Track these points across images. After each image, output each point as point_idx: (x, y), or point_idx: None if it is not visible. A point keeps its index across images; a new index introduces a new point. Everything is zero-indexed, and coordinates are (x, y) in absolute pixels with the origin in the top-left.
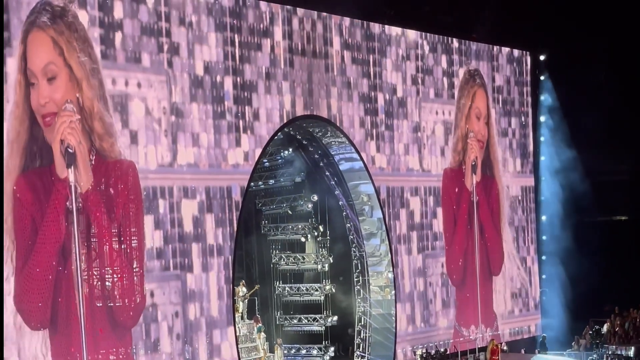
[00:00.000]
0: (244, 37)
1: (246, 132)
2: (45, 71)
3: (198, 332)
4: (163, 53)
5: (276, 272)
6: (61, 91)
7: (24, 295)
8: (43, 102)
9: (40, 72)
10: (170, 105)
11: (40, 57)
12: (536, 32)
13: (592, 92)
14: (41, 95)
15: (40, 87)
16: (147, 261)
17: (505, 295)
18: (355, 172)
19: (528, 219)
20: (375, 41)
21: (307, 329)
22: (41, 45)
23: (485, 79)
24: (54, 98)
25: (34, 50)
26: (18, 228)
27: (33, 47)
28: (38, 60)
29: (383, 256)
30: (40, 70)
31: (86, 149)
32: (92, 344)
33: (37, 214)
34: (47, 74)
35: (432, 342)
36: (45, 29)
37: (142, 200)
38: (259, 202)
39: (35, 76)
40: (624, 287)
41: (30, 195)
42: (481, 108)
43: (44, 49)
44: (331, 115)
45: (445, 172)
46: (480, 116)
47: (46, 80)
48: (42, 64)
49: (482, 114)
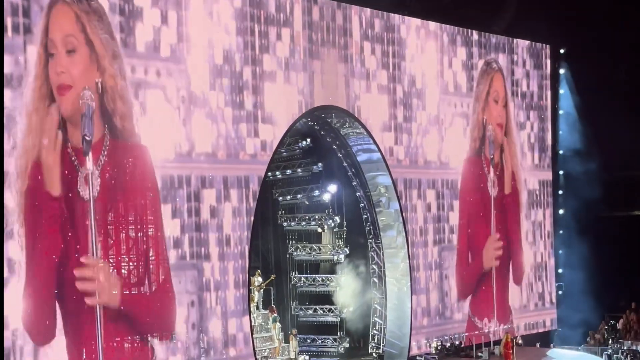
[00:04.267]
0: (263, 27)
1: (264, 122)
2: (65, 42)
3: (213, 321)
4: (182, 42)
5: (292, 263)
6: (79, 67)
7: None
8: (59, 71)
9: (60, 43)
10: (189, 94)
11: (62, 28)
12: (556, 25)
13: (611, 86)
14: (59, 64)
15: (58, 57)
16: (164, 250)
17: (521, 288)
18: (373, 164)
19: (545, 213)
20: (395, 32)
21: (322, 320)
22: (64, 17)
23: (503, 68)
24: (71, 71)
25: (56, 22)
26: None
27: (55, 19)
28: (59, 32)
29: (399, 248)
30: (60, 40)
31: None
32: (107, 332)
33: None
34: (67, 45)
35: (447, 334)
36: (70, 4)
37: (158, 188)
38: (275, 192)
39: (55, 46)
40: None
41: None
42: (499, 91)
43: (66, 21)
44: (350, 106)
45: (467, 161)
46: (498, 99)
47: (65, 52)
48: (62, 34)
49: (500, 96)
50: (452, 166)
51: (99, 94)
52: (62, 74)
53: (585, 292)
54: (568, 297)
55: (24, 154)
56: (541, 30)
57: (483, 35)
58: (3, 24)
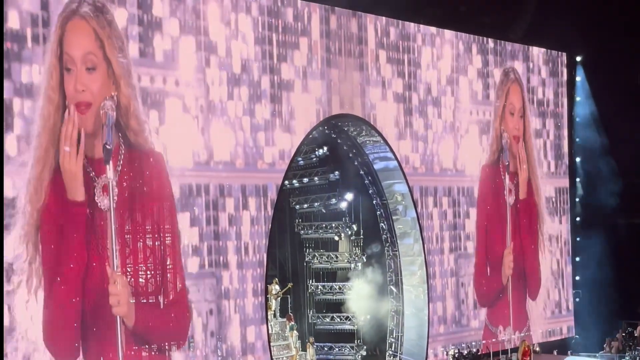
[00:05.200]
0: (281, 36)
1: (282, 130)
2: (85, 60)
3: (231, 330)
4: (201, 51)
5: (309, 271)
6: (98, 84)
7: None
8: (80, 89)
9: (80, 60)
10: (207, 103)
11: (81, 44)
12: (572, 32)
13: (628, 93)
14: (79, 82)
15: (78, 74)
16: (182, 259)
17: (538, 298)
18: (389, 172)
19: (562, 219)
20: (411, 40)
21: (339, 328)
22: (83, 33)
23: (520, 76)
24: (91, 88)
25: (74, 38)
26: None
27: (73, 34)
28: (78, 48)
29: (416, 255)
30: (80, 57)
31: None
32: (126, 341)
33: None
34: (87, 63)
35: (464, 342)
36: (87, 19)
37: (175, 196)
38: (292, 200)
39: (74, 63)
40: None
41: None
42: (515, 103)
43: (85, 38)
44: (366, 114)
45: (483, 169)
46: (514, 111)
47: (85, 69)
48: (82, 51)
49: (515, 108)
50: (467, 173)
51: (115, 107)
52: (83, 92)
53: (603, 300)
54: (585, 304)
55: (40, 164)
56: (557, 37)
57: (499, 43)
58: (3, 28)
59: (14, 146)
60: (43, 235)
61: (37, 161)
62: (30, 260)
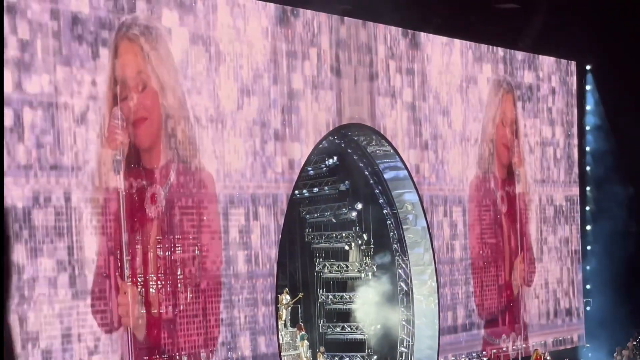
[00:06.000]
0: (291, 46)
1: (292, 140)
2: (136, 80)
3: (242, 340)
4: (211, 61)
5: (319, 280)
6: (150, 98)
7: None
8: (134, 109)
9: (132, 81)
10: (217, 113)
11: (132, 66)
12: (582, 41)
13: (638, 102)
14: (131, 101)
15: (131, 94)
16: (191, 268)
17: (548, 304)
18: (399, 181)
19: (572, 228)
20: (420, 50)
21: (349, 337)
22: (132, 55)
23: (522, 87)
24: (145, 104)
25: (126, 61)
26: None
27: (124, 58)
28: (130, 70)
29: (427, 265)
30: (132, 78)
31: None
32: (136, 350)
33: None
34: (139, 84)
35: (475, 351)
36: (134, 40)
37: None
38: (303, 210)
39: (127, 85)
40: None
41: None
42: (507, 112)
43: (135, 59)
44: (376, 124)
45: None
46: (506, 121)
47: (138, 89)
48: (134, 73)
49: (507, 117)
50: (481, 185)
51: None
52: (139, 110)
53: (613, 308)
54: (596, 313)
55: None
56: (567, 46)
57: (509, 52)
58: (3, 35)
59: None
60: None
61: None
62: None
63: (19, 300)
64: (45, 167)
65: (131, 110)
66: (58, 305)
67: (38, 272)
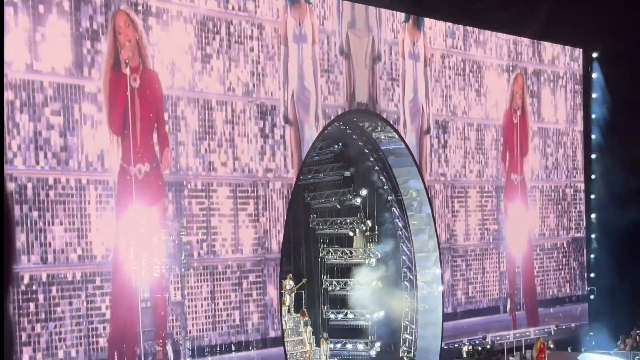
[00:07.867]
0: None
1: (297, 125)
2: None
3: (249, 324)
4: (218, 71)
5: (323, 266)
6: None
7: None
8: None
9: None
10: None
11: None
12: (588, 28)
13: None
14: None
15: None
16: (197, 254)
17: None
18: (404, 168)
19: (577, 218)
20: (426, 37)
21: (353, 324)
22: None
23: (528, 73)
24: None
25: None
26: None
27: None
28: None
29: (431, 252)
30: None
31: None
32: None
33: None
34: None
35: (479, 338)
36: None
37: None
38: (307, 195)
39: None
40: None
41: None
42: (514, 99)
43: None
44: (381, 110)
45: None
46: (512, 108)
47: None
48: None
49: (514, 105)
50: (483, 170)
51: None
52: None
53: (617, 297)
54: (600, 301)
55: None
56: (573, 33)
57: (515, 39)
58: (3, 36)
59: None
60: None
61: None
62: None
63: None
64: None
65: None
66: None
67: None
